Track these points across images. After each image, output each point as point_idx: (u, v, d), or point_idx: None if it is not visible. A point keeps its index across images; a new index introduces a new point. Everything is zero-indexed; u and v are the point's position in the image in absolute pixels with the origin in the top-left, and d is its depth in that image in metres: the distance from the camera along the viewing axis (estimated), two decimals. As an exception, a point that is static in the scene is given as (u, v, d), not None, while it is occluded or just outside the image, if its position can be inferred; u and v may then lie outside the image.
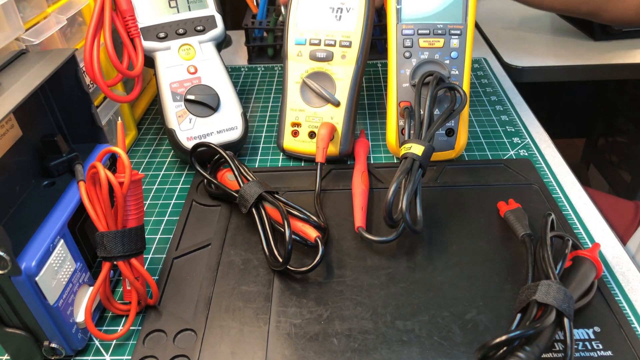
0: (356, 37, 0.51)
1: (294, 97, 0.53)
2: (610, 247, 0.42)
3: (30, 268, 0.30)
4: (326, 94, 0.51)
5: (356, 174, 0.47)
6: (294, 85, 0.53)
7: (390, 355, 0.34)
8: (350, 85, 0.51)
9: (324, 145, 0.49)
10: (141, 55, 0.49)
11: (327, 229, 0.43)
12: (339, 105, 0.51)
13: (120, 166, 0.34)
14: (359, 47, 0.51)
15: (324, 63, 0.52)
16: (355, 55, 0.51)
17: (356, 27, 0.51)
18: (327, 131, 0.49)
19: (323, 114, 0.52)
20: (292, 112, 0.53)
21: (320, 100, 0.52)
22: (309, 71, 0.52)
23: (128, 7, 0.48)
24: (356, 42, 0.51)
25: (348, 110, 0.51)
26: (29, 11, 0.43)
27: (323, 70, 0.52)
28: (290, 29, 0.52)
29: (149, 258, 0.43)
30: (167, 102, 0.50)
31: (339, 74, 0.51)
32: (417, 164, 0.41)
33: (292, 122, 0.53)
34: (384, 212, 0.39)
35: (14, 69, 0.35)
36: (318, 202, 0.46)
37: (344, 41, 0.51)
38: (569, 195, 0.48)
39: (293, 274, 0.40)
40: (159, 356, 0.35)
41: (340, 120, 0.51)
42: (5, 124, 0.35)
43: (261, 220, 0.42)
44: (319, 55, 0.52)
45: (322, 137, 0.49)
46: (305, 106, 0.52)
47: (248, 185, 0.43)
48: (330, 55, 0.51)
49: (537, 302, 0.33)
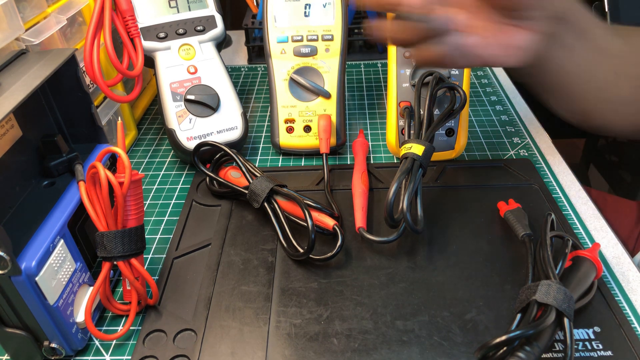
0: (337, 30, 0.53)
1: (283, 94, 0.53)
2: (610, 247, 0.42)
3: (30, 268, 0.30)
4: (317, 87, 0.53)
5: (356, 175, 0.48)
6: (281, 82, 0.53)
7: (390, 355, 0.34)
8: (338, 76, 0.53)
9: (326, 137, 0.51)
10: (141, 55, 0.49)
11: (340, 217, 0.44)
12: (330, 97, 0.53)
13: (120, 166, 0.34)
14: (340, 39, 0.53)
15: (309, 58, 0.53)
16: (338, 47, 0.53)
17: (336, 21, 0.53)
18: (326, 122, 0.51)
19: (316, 107, 0.53)
20: (283, 109, 0.54)
21: (311, 94, 0.53)
22: (295, 67, 0.53)
23: (128, 7, 0.48)
24: (338, 35, 0.53)
25: (339, 101, 0.53)
26: (29, 11, 0.43)
27: (309, 65, 0.53)
28: (270, 28, 0.53)
29: (149, 258, 0.43)
30: (167, 102, 0.50)
31: (325, 67, 0.53)
32: (418, 164, 0.41)
33: (285, 119, 0.54)
34: (385, 213, 0.39)
35: (14, 69, 0.35)
36: (329, 190, 0.48)
37: (326, 35, 0.53)
38: (569, 195, 0.48)
39: (315, 262, 0.41)
40: (159, 356, 0.35)
41: (334, 111, 0.53)
42: (5, 124, 0.35)
43: (275, 214, 0.43)
44: (303, 51, 0.53)
45: (323, 128, 0.51)
46: (296, 102, 0.53)
47: (258, 180, 0.44)
48: (315, 50, 0.53)
49: (537, 302, 0.33)
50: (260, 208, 0.44)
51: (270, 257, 0.42)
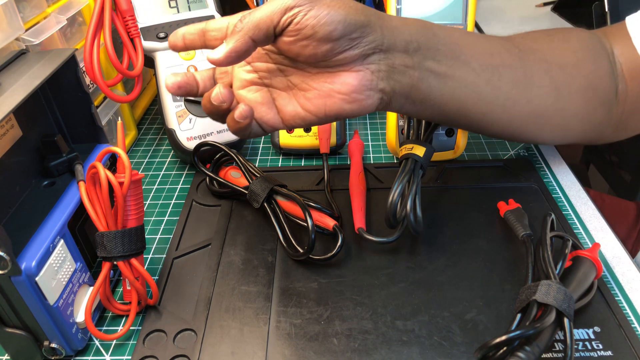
0: None
1: None
2: (610, 247, 0.42)
3: (30, 268, 0.30)
4: None
5: (353, 175, 0.48)
6: None
7: (390, 355, 0.34)
8: None
9: (326, 136, 0.52)
10: (141, 55, 0.49)
11: (340, 217, 0.44)
12: None
13: (120, 166, 0.34)
14: None
15: None
16: None
17: None
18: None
19: None
20: None
21: None
22: None
23: (128, 7, 0.48)
24: None
25: None
26: (29, 11, 0.43)
27: None
28: None
29: (149, 258, 0.43)
30: (167, 102, 0.50)
31: None
32: (419, 165, 0.42)
33: None
34: (388, 213, 0.39)
35: (14, 69, 0.35)
36: (329, 190, 0.48)
37: None
38: (569, 195, 0.48)
39: (315, 262, 0.41)
40: (159, 356, 0.35)
41: None
42: (5, 124, 0.35)
43: (275, 214, 0.43)
44: None
45: (323, 128, 0.52)
46: None
47: (258, 180, 0.44)
48: None
49: (537, 302, 0.33)
50: (260, 208, 0.44)
51: (270, 257, 0.42)
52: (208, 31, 0.36)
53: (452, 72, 0.38)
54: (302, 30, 0.32)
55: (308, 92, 0.36)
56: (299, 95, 0.36)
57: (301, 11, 0.32)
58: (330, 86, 0.35)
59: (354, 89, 0.35)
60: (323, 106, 0.35)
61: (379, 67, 0.35)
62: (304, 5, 0.32)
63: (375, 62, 0.35)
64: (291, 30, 0.33)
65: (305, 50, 0.33)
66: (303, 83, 0.36)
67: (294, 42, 0.33)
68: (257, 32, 0.32)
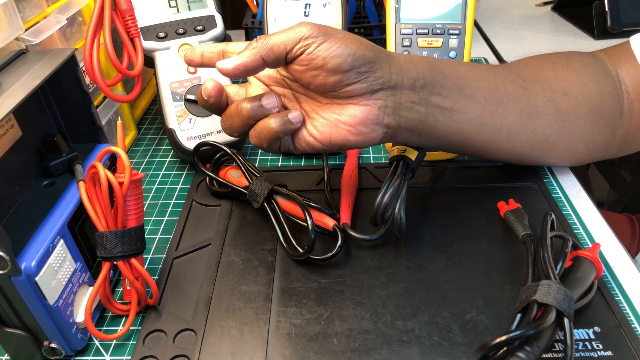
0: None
1: None
2: (611, 247, 0.42)
3: (30, 268, 0.30)
4: None
5: (346, 172, 0.48)
6: None
7: (390, 355, 0.34)
8: None
9: None
10: (141, 55, 0.49)
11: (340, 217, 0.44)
12: None
13: (120, 166, 0.34)
14: None
15: None
16: None
17: (336, 21, 0.53)
18: None
19: None
20: None
21: None
22: None
23: (128, 7, 0.48)
24: None
25: None
26: (29, 11, 0.43)
27: None
28: (270, 28, 0.53)
29: (149, 258, 0.43)
30: (167, 102, 0.50)
31: None
32: (410, 168, 0.42)
33: None
34: (375, 212, 0.39)
35: (14, 68, 0.35)
36: (329, 190, 0.48)
37: None
38: (569, 195, 0.48)
39: (315, 262, 0.41)
40: (159, 356, 0.35)
41: None
42: (5, 124, 0.35)
43: (275, 214, 0.43)
44: None
45: None
46: None
47: (258, 180, 0.44)
48: None
49: (537, 302, 0.33)
50: (260, 208, 0.44)
51: (270, 257, 0.42)
52: (228, 52, 0.39)
53: (457, 106, 0.39)
54: (314, 61, 0.34)
55: (317, 120, 0.38)
56: (308, 122, 0.38)
57: (315, 42, 0.34)
58: (338, 117, 0.37)
59: (360, 121, 0.36)
60: (329, 135, 0.37)
61: (385, 103, 0.36)
62: (318, 37, 0.34)
63: (382, 98, 0.36)
64: (303, 60, 0.35)
65: (315, 80, 0.35)
66: (313, 111, 0.38)
67: (305, 70, 0.35)
68: (269, 53, 0.35)
